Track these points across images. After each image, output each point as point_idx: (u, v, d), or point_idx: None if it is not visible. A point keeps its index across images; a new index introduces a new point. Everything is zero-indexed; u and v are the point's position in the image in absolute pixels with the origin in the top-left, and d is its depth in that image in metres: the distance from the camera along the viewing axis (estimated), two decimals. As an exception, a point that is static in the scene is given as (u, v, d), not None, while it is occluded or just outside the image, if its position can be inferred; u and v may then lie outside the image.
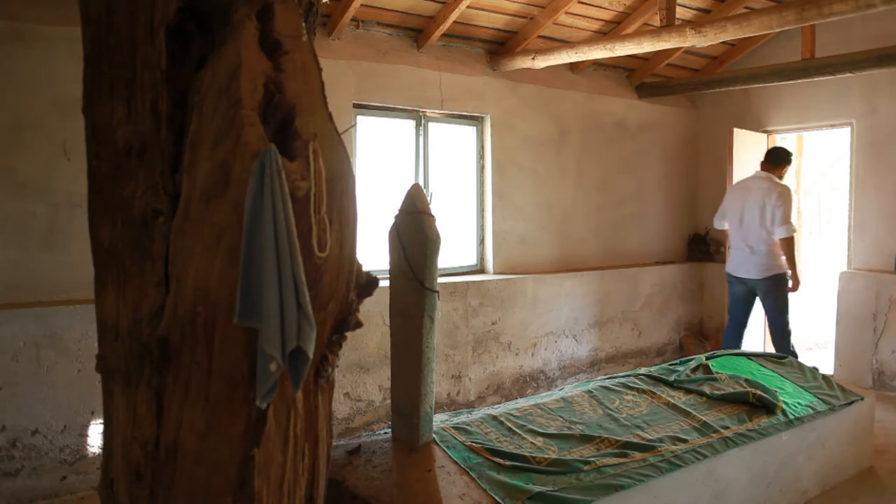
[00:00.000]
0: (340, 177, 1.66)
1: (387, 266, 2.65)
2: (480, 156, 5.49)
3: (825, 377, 3.90)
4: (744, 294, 5.26)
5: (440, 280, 2.65)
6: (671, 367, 3.82)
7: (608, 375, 3.78)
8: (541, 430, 2.91)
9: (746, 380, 3.59)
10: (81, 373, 3.59)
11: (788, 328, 5.12)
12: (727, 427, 3.15)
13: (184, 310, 1.53)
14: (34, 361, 3.49)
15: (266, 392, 1.46)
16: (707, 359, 3.91)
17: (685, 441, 2.97)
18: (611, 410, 3.19)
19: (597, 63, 6.09)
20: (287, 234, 1.46)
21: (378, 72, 4.78)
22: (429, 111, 5.12)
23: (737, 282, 5.27)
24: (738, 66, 6.30)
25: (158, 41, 1.60)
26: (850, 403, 3.69)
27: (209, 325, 1.51)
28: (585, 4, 5.17)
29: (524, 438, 2.83)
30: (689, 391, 3.47)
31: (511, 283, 5.35)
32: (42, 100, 3.63)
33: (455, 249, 5.36)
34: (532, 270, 5.65)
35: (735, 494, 3.07)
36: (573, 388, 3.46)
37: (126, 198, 1.60)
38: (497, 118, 5.44)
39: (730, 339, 5.36)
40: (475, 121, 5.45)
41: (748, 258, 5.12)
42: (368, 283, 1.82)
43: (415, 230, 2.52)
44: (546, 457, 2.69)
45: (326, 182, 1.60)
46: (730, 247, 5.84)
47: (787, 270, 5.07)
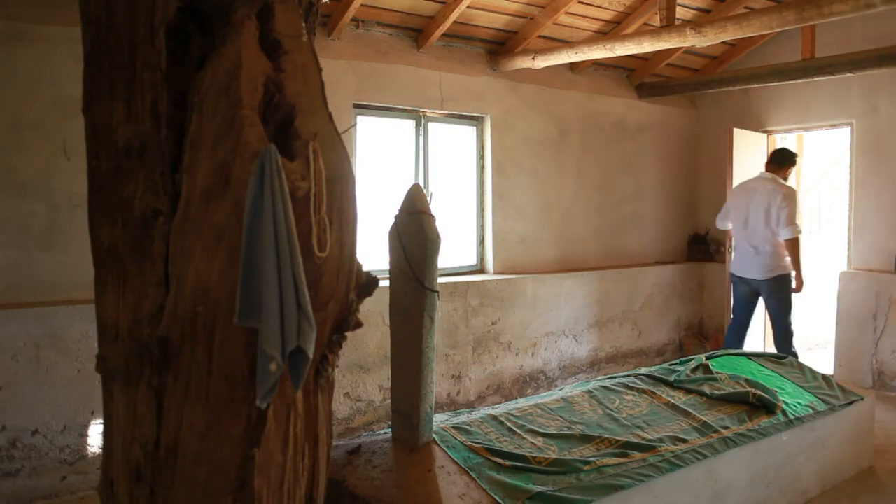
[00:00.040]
0: (340, 177, 1.66)
1: (387, 266, 2.65)
2: (480, 156, 5.49)
3: (825, 377, 3.90)
4: (747, 294, 5.27)
5: (440, 280, 2.65)
6: (671, 367, 3.82)
7: (608, 375, 3.78)
8: (541, 430, 2.91)
9: (746, 380, 3.60)
10: (81, 373, 3.59)
11: (791, 329, 5.11)
12: (727, 427, 3.15)
13: (184, 310, 1.53)
14: (34, 361, 3.49)
15: (266, 392, 1.46)
16: (707, 359, 3.91)
17: (685, 441, 2.98)
18: (611, 410, 3.19)
19: (597, 63, 6.09)
20: (287, 234, 1.46)
21: (378, 72, 4.78)
22: (429, 111, 5.12)
23: (741, 282, 5.27)
24: (738, 66, 6.30)
25: (158, 41, 1.60)
26: (850, 403, 3.70)
27: (209, 325, 1.51)
28: (585, 4, 5.17)
29: (524, 438, 2.83)
30: (689, 391, 3.47)
31: (511, 283, 5.35)
32: (42, 100, 3.63)
33: (455, 249, 5.36)
34: (532, 270, 5.65)
35: (735, 494, 3.07)
36: (573, 388, 3.46)
37: (126, 198, 1.60)
38: (497, 118, 5.44)
39: (732, 339, 5.36)
40: (475, 121, 5.45)
41: (753, 259, 5.12)
42: (368, 283, 1.82)
43: (415, 230, 2.52)
44: (546, 457, 2.69)
45: (326, 182, 1.60)
46: (731, 247, 5.85)
47: (791, 271, 5.07)
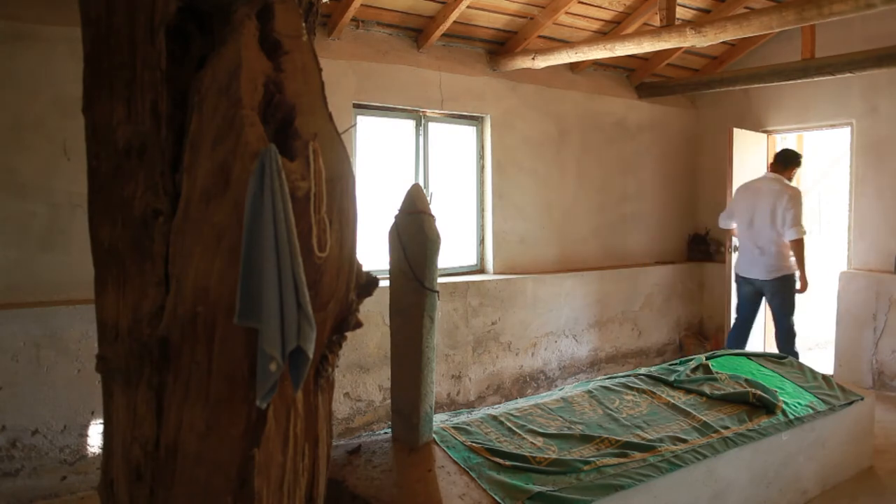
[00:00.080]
0: (340, 177, 1.66)
1: (387, 266, 2.65)
2: (480, 156, 5.49)
3: (825, 377, 3.90)
4: (751, 295, 5.27)
5: (440, 280, 2.65)
6: (671, 367, 3.82)
7: (608, 375, 3.78)
8: (541, 430, 2.91)
9: (746, 380, 3.60)
10: (81, 373, 3.59)
11: (794, 330, 5.12)
12: (727, 427, 3.15)
13: (184, 310, 1.53)
14: (34, 361, 3.49)
15: (266, 392, 1.46)
16: (707, 359, 3.91)
17: (685, 441, 2.98)
18: (611, 410, 3.19)
19: (597, 63, 6.09)
20: (287, 234, 1.46)
21: (378, 72, 4.78)
22: (429, 111, 5.12)
23: (745, 283, 5.28)
24: (738, 66, 6.30)
25: (158, 41, 1.60)
26: (850, 403, 3.70)
27: (209, 325, 1.51)
28: (585, 4, 5.17)
29: (524, 438, 2.83)
30: (689, 391, 3.47)
31: (511, 283, 5.35)
32: (42, 100, 3.63)
33: (455, 249, 5.36)
34: (532, 270, 5.65)
35: (735, 494, 3.07)
36: (573, 388, 3.46)
37: (126, 198, 1.60)
38: (497, 118, 5.44)
39: (735, 339, 5.36)
40: (475, 121, 5.44)
41: (757, 259, 5.12)
42: (368, 283, 1.82)
43: (415, 230, 2.52)
44: (546, 457, 2.69)
45: (326, 182, 1.60)
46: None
47: (795, 271, 5.08)
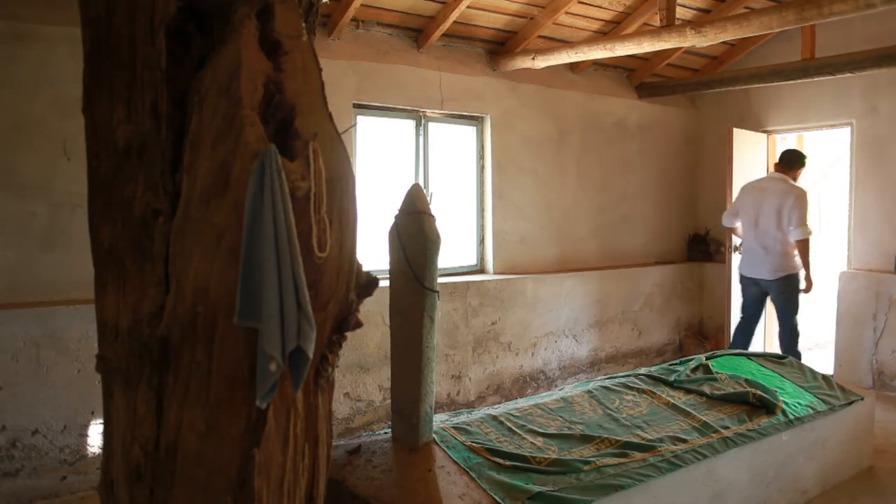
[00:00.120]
0: (340, 177, 1.66)
1: (387, 266, 2.65)
2: (480, 156, 5.49)
3: (825, 377, 3.90)
4: (757, 295, 5.28)
5: (440, 280, 2.65)
6: (671, 367, 3.82)
7: (608, 375, 3.78)
8: (541, 430, 2.91)
9: (746, 380, 3.60)
10: (81, 373, 3.59)
11: (797, 330, 5.12)
12: (727, 427, 3.15)
13: (184, 310, 1.53)
14: (34, 361, 3.49)
15: (266, 392, 1.46)
16: (707, 359, 3.91)
17: (685, 441, 2.98)
18: (611, 410, 3.19)
19: (597, 63, 6.09)
20: (287, 234, 1.46)
21: (378, 72, 4.78)
22: (429, 111, 5.12)
23: (750, 283, 5.28)
24: (738, 66, 6.30)
25: (158, 41, 1.60)
26: (850, 403, 3.70)
27: (209, 325, 1.51)
28: (585, 4, 5.17)
29: (524, 438, 2.83)
30: (689, 391, 3.47)
31: (511, 283, 5.35)
32: (42, 100, 3.63)
33: (455, 249, 5.36)
34: (532, 270, 5.64)
35: (735, 494, 3.07)
36: (573, 388, 3.46)
37: (126, 198, 1.60)
38: (497, 118, 5.44)
39: (739, 338, 5.37)
40: (475, 121, 5.44)
41: (762, 259, 5.12)
42: (368, 283, 1.82)
43: (415, 230, 2.52)
44: (546, 457, 2.69)
45: (326, 182, 1.60)
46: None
47: (800, 271, 5.09)
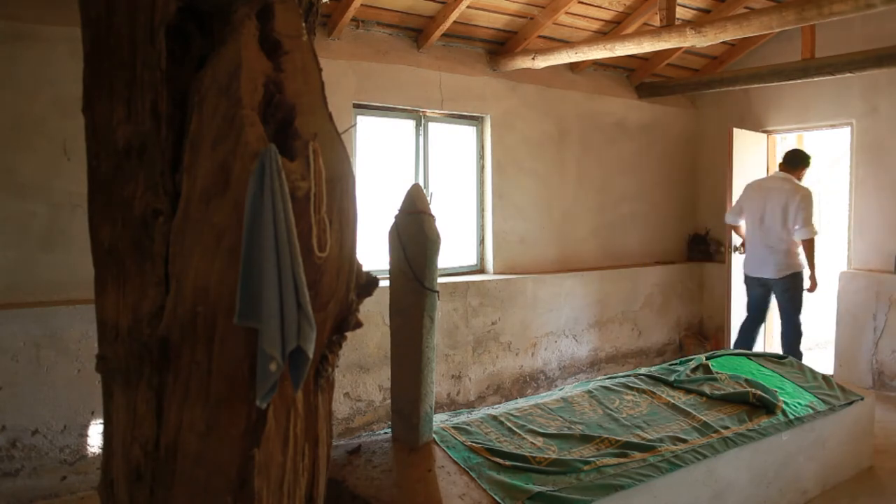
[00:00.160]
0: (340, 177, 1.66)
1: (387, 266, 2.65)
2: (480, 156, 5.49)
3: (825, 377, 3.90)
4: (762, 295, 5.30)
5: (440, 280, 2.65)
6: (671, 367, 3.82)
7: (608, 375, 3.78)
8: (541, 430, 2.91)
9: (746, 380, 3.60)
10: (81, 373, 3.59)
11: (801, 329, 5.13)
12: (727, 427, 3.15)
13: (184, 310, 1.53)
14: (34, 361, 3.49)
15: (266, 392, 1.46)
16: (707, 359, 3.91)
17: (685, 441, 2.98)
18: (611, 410, 3.19)
19: (597, 63, 6.09)
20: (287, 234, 1.46)
21: (378, 72, 4.78)
22: (429, 111, 5.12)
23: (754, 283, 5.29)
24: (738, 66, 6.30)
25: (158, 41, 1.60)
26: (850, 403, 3.70)
27: (209, 325, 1.51)
28: (585, 4, 5.17)
29: (524, 438, 2.83)
30: (689, 391, 3.47)
31: (511, 283, 5.35)
32: (42, 100, 3.63)
33: (455, 249, 5.35)
34: (532, 270, 5.64)
35: (735, 494, 3.07)
36: (573, 388, 3.46)
37: (126, 198, 1.60)
38: (497, 118, 5.44)
39: (743, 335, 5.39)
40: (475, 121, 5.44)
41: (767, 258, 5.14)
42: (368, 283, 1.82)
43: (415, 230, 2.52)
44: (546, 457, 2.69)
45: (326, 182, 1.60)
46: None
47: (803, 269, 5.11)
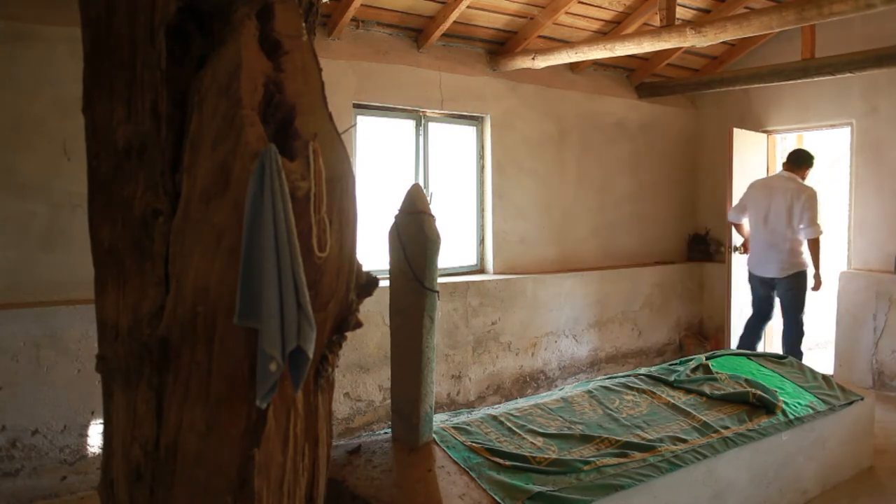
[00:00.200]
0: (340, 177, 1.66)
1: (387, 266, 2.65)
2: (480, 156, 5.49)
3: (825, 377, 3.90)
4: (766, 293, 5.32)
5: (440, 280, 2.65)
6: (671, 367, 3.82)
7: (608, 375, 3.78)
8: (541, 430, 2.91)
9: (746, 380, 3.60)
10: (81, 373, 3.59)
11: (803, 329, 5.14)
12: (727, 427, 3.15)
13: (184, 310, 1.53)
14: (34, 361, 3.49)
15: (266, 392, 1.46)
16: (707, 359, 3.91)
17: (685, 441, 2.98)
18: (611, 410, 3.19)
19: (597, 63, 6.09)
20: (287, 234, 1.46)
21: (378, 72, 4.77)
22: (429, 111, 5.12)
23: (759, 281, 5.31)
24: (738, 66, 6.30)
25: (158, 41, 1.60)
26: (850, 403, 3.70)
27: (209, 325, 1.51)
28: (585, 4, 5.17)
29: (524, 438, 2.83)
30: (689, 391, 3.47)
31: (511, 283, 5.35)
32: (42, 100, 3.63)
33: (455, 249, 5.35)
34: (532, 270, 5.64)
35: (735, 494, 3.07)
36: (573, 388, 3.46)
37: (126, 198, 1.60)
38: (497, 118, 5.44)
39: (748, 332, 5.41)
40: (475, 121, 5.44)
41: (771, 257, 5.15)
42: (368, 283, 1.82)
43: (415, 230, 2.52)
44: (546, 457, 2.69)
45: (326, 182, 1.60)
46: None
47: (807, 268, 5.12)
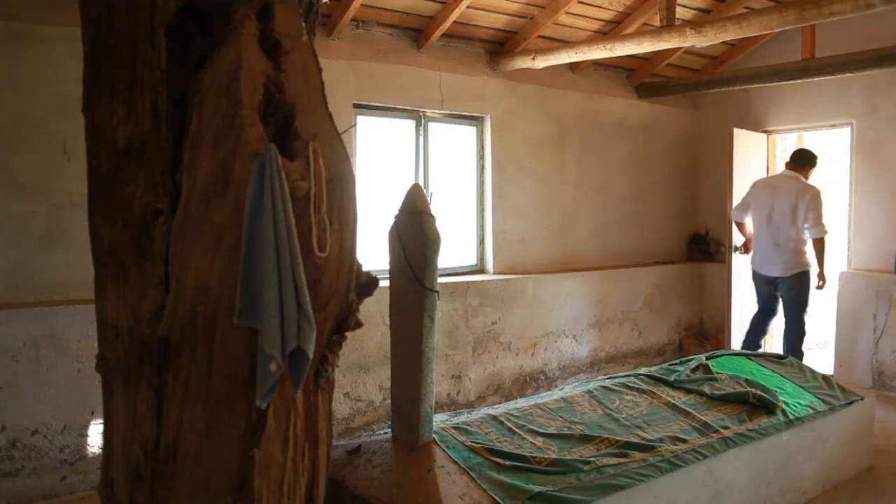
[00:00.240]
0: (340, 177, 1.66)
1: (387, 266, 2.65)
2: (480, 156, 5.49)
3: (825, 377, 3.90)
4: (770, 291, 5.33)
5: (440, 280, 2.65)
6: (671, 367, 3.82)
7: (608, 375, 3.78)
8: (541, 430, 2.91)
9: (746, 380, 3.60)
10: (81, 373, 3.59)
11: (805, 328, 5.15)
12: (727, 427, 3.15)
13: (184, 310, 1.53)
14: (34, 361, 3.49)
15: (266, 392, 1.46)
16: (707, 359, 3.91)
17: (685, 441, 2.98)
18: (611, 410, 3.19)
19: (597, 63, 6.09)
20: (287, 234, 1.46)
21: (378, 72, 4.77)
22: (429, 111, 5.12)
23: (762, 280, 5.33)
24: (738, 66, 6.30)
25: (158, 41, 1.60)
26: (850, 403, 3.70)
27: (209, 325, 1.51)
28: (585, 4, 5.17)
29: (524, 438, 2.83)
30: (689, 391, 3.47)
31: (511, 283, 5.35)
32: (42, 100, 3.63)
33: (455, 249, 5.35)
34: (532, 270, 5.64)
35: (735, 494, 3.07)
36: (573, 388, 3.46)
37: (126, 198, 1.60)
38: (497, 118, 5.44)
39: (756, 325, 5.43)
40: (475, 121, 5.44)
41: (774, 256, 5.16)
42: (368, 283, 1.82)
43: (415, 230, 2.52)
44: (546, 457, 2.69)
45: (326, 182, 1.60)
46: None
47: (810, 267, 5.14)
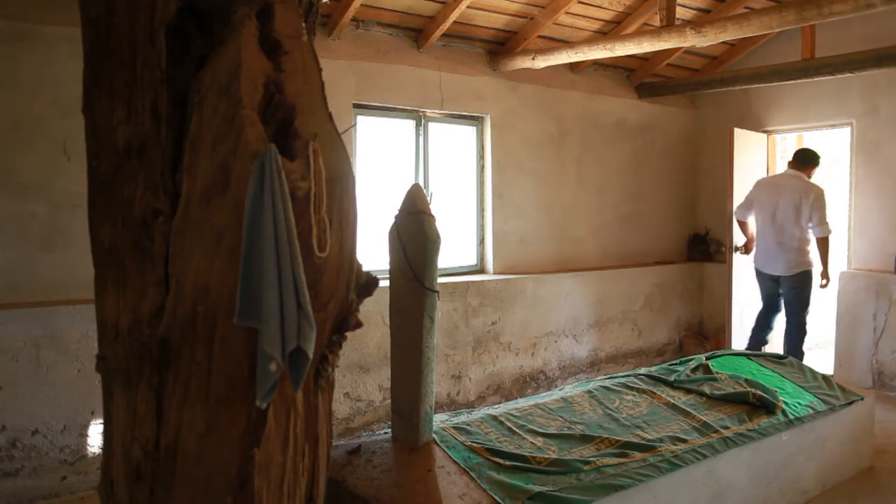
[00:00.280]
0: (340, 177, 1.66)
1: (387, 266, 2.65)
2: (480, 156, 5.49)
3: (825, 377, 3.90)
4: (773, 289, 5.35)
5: (440, 280, 2.65)
6: (671, 367, 3.82)
7: (608, 375, 3.78)
8: (541, 430, 2.91)
9: (746, 380, 3.60)
10: (81, 373, 3.59)
11: (806, 328, 5.15)
12: (727, 427, 3.15)
13: (184, 310, 1.53)
14: (34, 361, 3.49)
15: (266, 392, 1.46)
16: (707, 359, 3.91)
17: (685, 441, 2.98)
18: (611, 410, 3.19)
19: (597, 63, 6.09)
20: (287, 234, 1.46)
21: (378, 72, 4.77)
22: (429, 111, 5.12)
23: (765, 278, 5.34)
24: (738, 66, 6.30)
25: (158, 41, 1.60)
26: (850, 403, 3.70)
27: (209, 325, 1.51)
28: (585, 4, 5.17)
29: (524, 438, 2.83)
30: (689, 391, 3.47)
31: (511, 283, 5.35)
32: (42, 100, 3.63)
33: (455, 249, 5.35)
34: (532, 270, 5.64)
35: (735, 494, 3.07)
36: (573, 388, 3.46)
37: (126, 198, 1.60)
38: (497, 118, 5.44)
39: (761, 321, 5.45)
40: (475, 121, 5.44)
41: (778, 255, 5.18)
42: (368, 283, 1.82)
43: (415, 230, 2.52)
44: (546, 457, 2.69)
45: (326, 182, 1.60)
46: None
47: (813, 267, 5.15)
